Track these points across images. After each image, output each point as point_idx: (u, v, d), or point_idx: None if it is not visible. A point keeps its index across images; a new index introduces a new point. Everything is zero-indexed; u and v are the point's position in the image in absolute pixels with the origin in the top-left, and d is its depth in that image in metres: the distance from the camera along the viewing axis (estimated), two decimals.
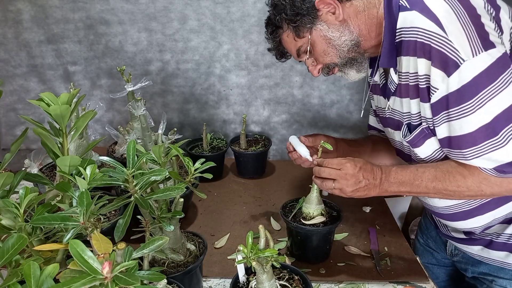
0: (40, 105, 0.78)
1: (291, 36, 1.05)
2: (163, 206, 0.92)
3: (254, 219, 1.45)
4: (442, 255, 1.32)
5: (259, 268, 0.85)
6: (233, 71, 1.80)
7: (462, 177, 0.93)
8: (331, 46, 1.03)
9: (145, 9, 1.68)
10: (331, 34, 1.01)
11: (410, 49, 0.90)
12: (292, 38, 1.05)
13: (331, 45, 1.02)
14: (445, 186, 0.96)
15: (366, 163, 1.04)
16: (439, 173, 0.96)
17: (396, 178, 1.02)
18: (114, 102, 1.89)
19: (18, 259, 0.72)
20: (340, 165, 1.04)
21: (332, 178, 1.04)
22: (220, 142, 1.79)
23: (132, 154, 0.83)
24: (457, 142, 0.90)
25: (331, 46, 1.03)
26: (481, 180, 0.92)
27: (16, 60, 1.78)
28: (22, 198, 0.74)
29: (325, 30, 1.01)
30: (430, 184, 0.97)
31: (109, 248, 0.66)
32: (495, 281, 1.13)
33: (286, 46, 1.10)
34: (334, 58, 1.05)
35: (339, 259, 1.23)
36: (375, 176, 1.02)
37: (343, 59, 1.04)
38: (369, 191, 1.03)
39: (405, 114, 1.02)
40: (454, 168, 0.95)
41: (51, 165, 1.48)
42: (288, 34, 1.06)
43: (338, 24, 1.00)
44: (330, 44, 1.02)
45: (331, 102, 1.84)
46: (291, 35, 1.05)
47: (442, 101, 0.88)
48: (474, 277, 1.19)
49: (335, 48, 1.03)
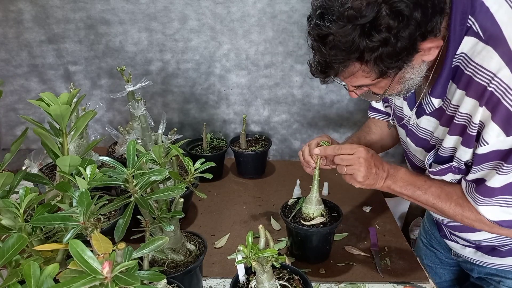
0: (40, 105, 0.78)
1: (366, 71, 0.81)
2: (163, 206, 0.92)
3: (254, 219, 1.45)
4: (446, 255, 1.31)
5: (259, 268, 0.85)
6: (233, 71, 1.81)
7: (461, 208, 0.95)
8: (401, 84, 0.87)
9: (145, 9, 1.68)
10: (411, 76, 0.84)
11: (472, 90, 0.81)
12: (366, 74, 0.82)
13: (403, 83, 0.87)
14: (443, 208, 0.98)
15: (375, 153, 1.02)
16: (443, 195, 0.98)
17: (403, 179, 1.01)
18: (114, 102, 1.89)
19: (18, 259, 0.72)
20: (352, 149, 1.00)
21: (345, 164, 1.00)
22: (220, 142, 1.79)
23: (132, 154, 0.83)
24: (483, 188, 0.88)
25: (402, 84, 0.87)
26: (476, 219, 0.94)
27: (17, 60, 1.78)
28: (22, 198, 0.74)
29: (408, 71, 0.83)
30: (431, 199, 0.99)
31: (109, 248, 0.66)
32: (503, 281, 1.10)
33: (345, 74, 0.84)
34: (395, 93, 0.91)
35: (339, 259, 1.23)
36: (384, 168, 1.01)
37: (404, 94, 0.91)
38: (376, 181, 1.01)
39: (435, 138, 0.97)
40: (458, 198, 0.96)
41: (51, 165, 1.48)
42: (365, 69, 0.80)
43: (421, 64, 0.83)
44: (403, 83, 0.86)
45: (331, 102, 1.84)
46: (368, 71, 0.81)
47: (489, 155, 0.83)
48: (480, 278, 1.17)
49: (405, 86, 0.87)
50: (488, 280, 1.15)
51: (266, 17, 1.68)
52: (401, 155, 1.91)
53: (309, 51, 0.87)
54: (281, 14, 1.67)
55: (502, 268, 1.09)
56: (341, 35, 0.74)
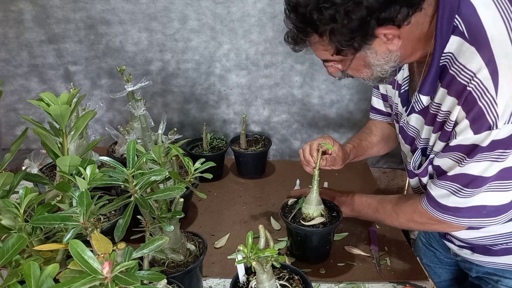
0: (40, 105, 0.78)
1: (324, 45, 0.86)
2: (163, 206, 0.92)
3: (254, 219, 1.45)
4: (445, 255, 1.31)
5: (259, 268, 0.85)
6: (233, 71, 1.80)
7: (396, 214, 1.11)
8: (368, 68, 0.90)
9: (145, 9, 1.68)
10: (376, 62, 0.87)
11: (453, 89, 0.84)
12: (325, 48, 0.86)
13: (370, 67, 0.90)
14: (383, 219, 1.17)
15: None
16: (380, 207, 1.17)
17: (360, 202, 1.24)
18: (114, 102, 1.89)
19: (18, 259, 0.72)
20: None
21: None
22: (220, 142, 1.79)
23: (132, 154, 0.83)
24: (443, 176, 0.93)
25: (369, 68, 0.90)
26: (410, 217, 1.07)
27: (17, 60, 1.78)
28: (22, 198, 0.74)
29: (371, 56, 0.86)
30: (373, 214, 1.20)
31: (109, 248, 0.66)
32: (501, 281, 1.10)
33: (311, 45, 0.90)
34: (365, 76, 0.93)
35: (339, 259, 1.23)
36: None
37: (376, 78, 0.93)
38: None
39: (423, 140, 1.00)
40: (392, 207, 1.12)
41: (51, 165, 1.48)
42: (322, 42, 0.85)
43: (387, 52, 0.85)
44: (370, 67, 0.90)
45: (331, 102, 1.84)
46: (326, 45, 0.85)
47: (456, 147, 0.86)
48: (478, 277, 1.17)
49: (372, 71, 0.90)
50: (486, 280, 1.15)
51: (266, 17, 1.68)
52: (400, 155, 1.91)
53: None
54: (281, 14, 1.66)
55: (499, 267, 1.10)
56: (303, 5, 0.79)
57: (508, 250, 1.05)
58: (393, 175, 2.05)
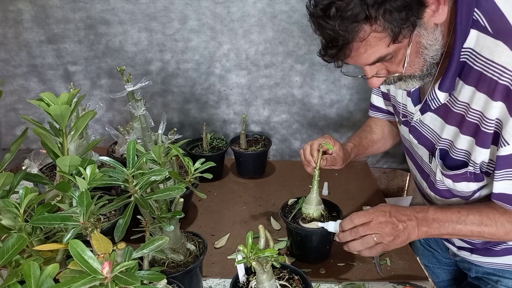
0: (40, 105, 0.78)
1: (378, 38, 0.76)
2: (163, 206, 0.92)
3: (254, 219, 1.45)
4: (443, 255, 1.31)
5: (259, 268, 0.85)
6: (233, 71, 1.80)
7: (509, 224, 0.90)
8: (421, 56, 0.83)
9: (145, 9, 1.68)
10: (428, 42, 0.80)
11: (484, 85, 0.79)
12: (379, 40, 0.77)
13: (422, 55, 0.82)
14: (491, 232, 0.91)
15: (393, 206, 0.97)
16: (485, 219, 0.91)
17: (436, 219, 0.94)
18: (114, 102, 1.89)
19: (18, 259, 0.72)
20: (368, 216, 0.96)
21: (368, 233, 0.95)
22: (220, 142, 1.79)
23: (132, 154, 0.83)
24: None
25: (421, 56, 0.83)
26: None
27: (17, 60, 1.78)
28: (22, 198, 0.74)
29: (424, 35, 0.79)
30: (475, 229, 0.92)
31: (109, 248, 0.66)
32: (501, 281, 1.10)
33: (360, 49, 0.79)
34: (417, 70, 0.85)
35: (339, 259, 1.23)
36: (410, 217, 0.95)
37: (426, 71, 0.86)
38: (409, 235, 0.94)
39: (443, 140, 0.94)
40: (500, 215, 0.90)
41: (51, 165, 1.48)
42: (377, 29, 0.75)
43: (434, 28, 0.79)
44: (422, 54, 0.82)
45: (331, 102, 1.84)
46: (380, 36, 0.76)
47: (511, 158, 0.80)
48: (477, 277, 1.17)
49: (424, 59, 0.83)
50: (485, 280, 1.14)
51: (266, 17, 1.68)
52: (401, 155, 1.91)
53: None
54: (281, 14, 1.67)
55: (499, 268, 1.09)
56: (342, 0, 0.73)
57: (509, 250, 1.04)
58: (393, 175, 2.05)
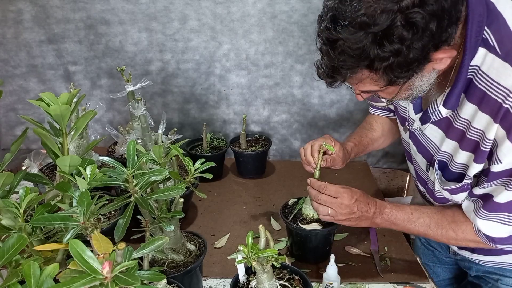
0: (40, 105, 0.78)
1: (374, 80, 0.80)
2: (163, 206, 0.92)
3: (254, 219, 1.45)
4: (444, 254, 1.30)
5: (259, 268, 0.85)
6: (233, 71, 1.80)
7: (453, 232, 0.98)
8: (410, 91, 0.85)
9: (145, 9, 1.68)
10: (420, 83, 0.82)
11: (488, 106, 0.79)
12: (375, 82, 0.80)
13: (411, 89, 0.84)
14: (435, 236, 1.02)
15: (363, 195, 1.05)
16: (433, 224, 1.01)
17: (390, 216, 1.04)
18: (114, 102, 1.89)
19: (18, 259, 0.72)
20: (337, 193, 1.04)
21: (327, 205, 1.05)
22: (220, 142, 1.79)
23: (132, 154, 0.83)
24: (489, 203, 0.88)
25: (410, 91, 0.85)
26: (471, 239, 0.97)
27: (16, 60, 1.78)
28: (22, 198, 0.74)
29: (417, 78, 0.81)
30: (422, 230, 1.02)
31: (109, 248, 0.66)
32: (501, 279, 1.10)
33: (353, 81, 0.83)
34: (402, 98, 0.89)
35: (339, 259, 1.22)
36: (369, 210, 1.04)
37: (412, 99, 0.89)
38: (359, 222, 1.06)
39: (442, 152, 0.96)
40: (448, 223, 0.99)
41: (51, 165, 1.48)
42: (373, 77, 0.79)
43: (431, 72, 0.81)
44: (411, 89, 0.84)
45: (331, 101, 1.84)
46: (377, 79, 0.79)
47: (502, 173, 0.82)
48: (478, 276, 1.17)
49: (413, 93, 0.86)
50: (486, 279, 1.15)
51: (266, 17, 1.68)
52: (401, 155, 1.91)
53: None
54: (281, 14, 1.67)
55: (500, 266, 1.09)
56: (352, 41, 0.72)
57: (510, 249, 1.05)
58: (393, 175, 2.05)
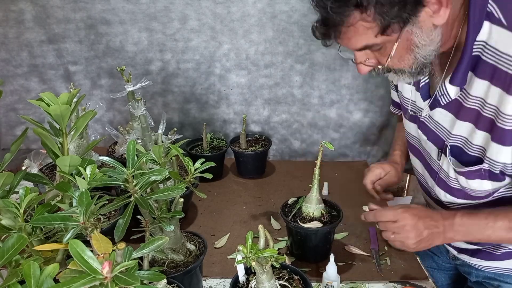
0: (40, 105, 0.78)
1: (367, 22, 0.75)
2: (163, 206, 0.92)
3: (254, 219, 1.45)
4: (443, 259, 1.30)
5: (259, 268, 0.85)
6: (233, 70, 1.81)
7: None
8: (411, 53, 0.81)
9: (145, 9, 1.68)
10: (421, 41, 0.78)
11: (500, 79, 0.77)
12: (368, 26, 0.76)
13: (413, 52, 0.81)
14: None
15: (423, 209, 0.95)
16: None
17: (462, 226, 0.91)
18: (114, 102, 1.89)
19: (18, 259, 0.72)
20: (395, 216, 0.94)
21: (390, 231, 0.95)
22: (220, 142, 1.79)
23: (132, 154, 0.83)
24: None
25: (412, 54, 0.81)
26: None
27: (17, 60, 1.78)
28: (22, 198, 0.74)
29: (416, 34, 0.77)
30: (502, 235, 0.89)
31: (109, 248, 0.66)
32: (501, 286, 1.09)
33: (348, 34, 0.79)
34: (406, 66, 0.84)
35: (339, 259, 1.23)
36: (437, 224, 0.92)
37: (416, 69, 0.84)
38: (432, 241, 0.93)
39: (454, 136, 0.91)
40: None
41: (51, 165, 1.48)
42: (366, 19, 0.75)
43: (431, 29, 0.77)
44: (412, 51, 0.80)
45: (331, 101, 1.84)
46: (370, 22, 0.75)
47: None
48: (477, 282, 1.15)
49: (415, 57, 0.81)
50: (486, 285, 1.13)
51: (266, 17, 1.68)
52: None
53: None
54: (281, 14, 1.67)
55: (500, 272, 1.08)
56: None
57: (511, 254, 1.04)
58: None
